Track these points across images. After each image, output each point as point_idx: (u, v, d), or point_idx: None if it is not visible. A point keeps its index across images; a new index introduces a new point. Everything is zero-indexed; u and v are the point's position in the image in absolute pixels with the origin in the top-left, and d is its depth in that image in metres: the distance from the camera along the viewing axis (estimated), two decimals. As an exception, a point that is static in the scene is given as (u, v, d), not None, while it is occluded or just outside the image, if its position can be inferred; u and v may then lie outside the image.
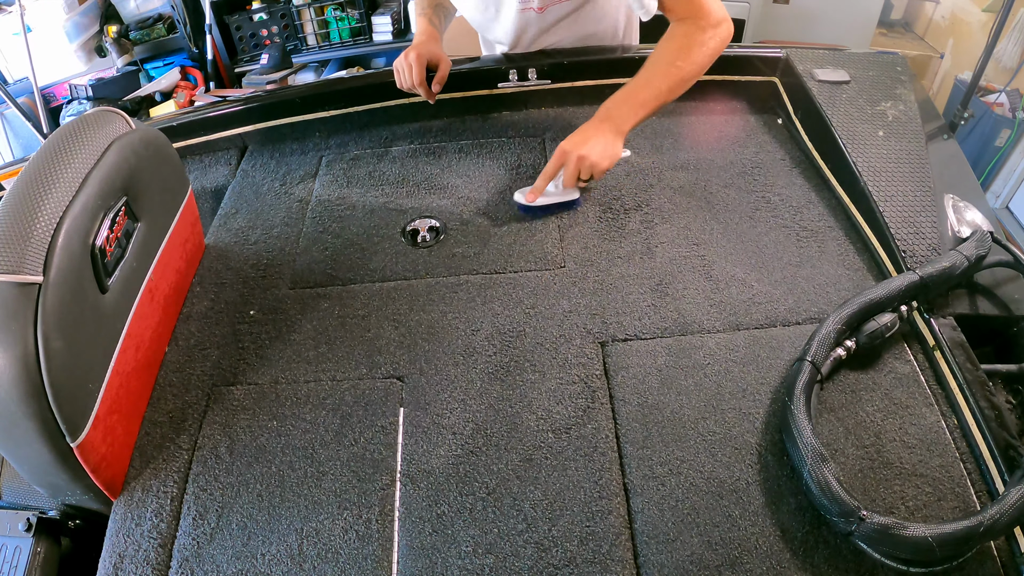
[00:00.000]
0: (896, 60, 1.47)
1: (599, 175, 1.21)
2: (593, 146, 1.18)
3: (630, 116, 1.21)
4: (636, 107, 1.21)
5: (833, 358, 0.95)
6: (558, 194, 1.25)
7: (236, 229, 1.31)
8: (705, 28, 1.20)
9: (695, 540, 0.83)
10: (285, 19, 3.44)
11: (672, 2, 1.23)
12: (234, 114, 1.53)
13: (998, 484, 0.84)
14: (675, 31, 1.23)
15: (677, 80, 1.21)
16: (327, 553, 0.84)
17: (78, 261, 0.85)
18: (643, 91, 1.21)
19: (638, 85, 1.22)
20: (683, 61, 1.20)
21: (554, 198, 1.25)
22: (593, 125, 1.21)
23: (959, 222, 1.10)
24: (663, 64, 1.21)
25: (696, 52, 1.21)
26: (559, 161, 1.20)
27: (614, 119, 1.21)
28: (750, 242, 1.20)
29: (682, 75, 1.21)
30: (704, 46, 1.21)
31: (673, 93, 1.22)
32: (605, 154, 1.18)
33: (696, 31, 1.20)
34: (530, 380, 1.00)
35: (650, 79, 1.21)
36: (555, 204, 1.26)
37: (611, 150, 1.19)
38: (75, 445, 0.82)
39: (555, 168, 1.21)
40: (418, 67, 1.38)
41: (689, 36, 1.21)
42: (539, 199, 1.24)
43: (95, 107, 1.18)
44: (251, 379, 1.04)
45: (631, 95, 1.22)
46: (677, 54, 1.21)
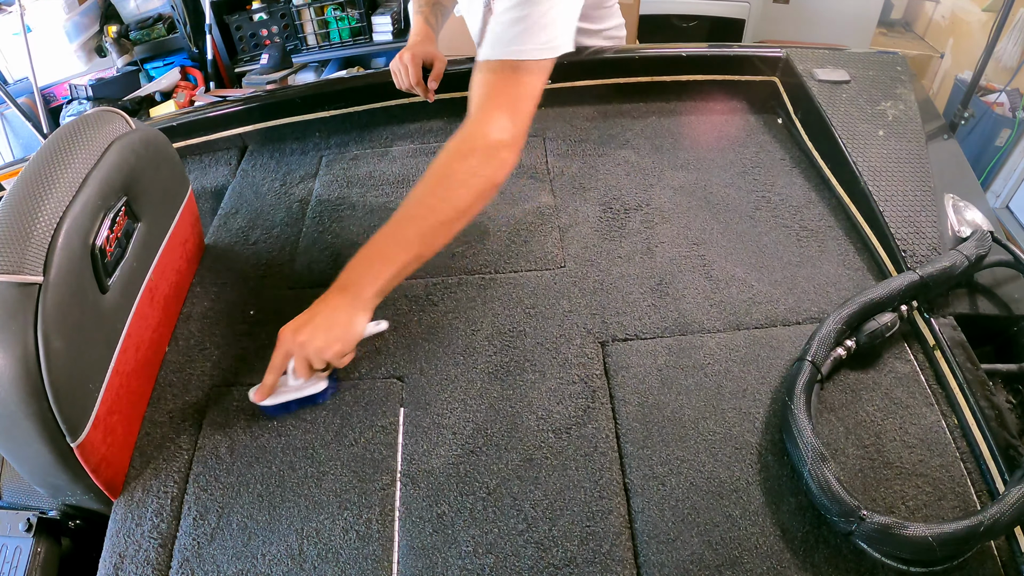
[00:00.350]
0: (896, 60, 1.47)
1: (338, 360, 0.94)
2: (317, 328, 0.92)
3: (372, 279, 0.94)
4: (380, 265, 0.94)
5: (833, 358, 0.95)
6: (298, 387, 0.96)
7: (236, 229, 1.31)
8: (473, 151, 0.96)
9: (695, 540, 0.83)
10: (285, 19, 3.44)
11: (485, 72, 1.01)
12: (234, 114, 1.53)
13: (998, 484, 0.84)
14: (444, 151, 0.98)
15: (429, 225, 0.95)
16: (327, 553, 0.84)
17: (78, 261, 0.85)
18: (386, 244, 0.96)
19: (383, 236, 0.96)
20: (436, 198, 0.95)
21: (293, 393, 0.97)
22: (324, 300, 0.95)
23: (959, 222, 1.10)
24: (416, 201, 0.96)
25: (455, 186, 0.95)
26: (282, 349, 0.93)
27: (351, 287, 0.94)
28: (750, 242, 1.20)
29: (435, 218, 0.95)
30: (471, 176, 0.95)
31: (426, 244, 0.95)
32: (333, 336, 0.92)
33: (462, 156, 0.96)
34: (530, 380, 1.00)
35: (397, 225, 0.96)
36: (297, 400, 0.98)
37: (341, 331, 0.92)
38: (75, 445, 0.82)
39: (281, 358, 0.93)
40: (414, 67, 1.38)
41: (451, 164, 0.96)
42: (276, 396, 0.95)
43: (95, 107, 1.18)
44: (251, 379, 1.03)
45: (372, 251, 0.96)
46: (434, 187, 0.96)
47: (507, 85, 0.99)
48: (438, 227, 0.95)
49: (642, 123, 1.50)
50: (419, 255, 0.95)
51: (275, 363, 0.94)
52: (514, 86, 0.99)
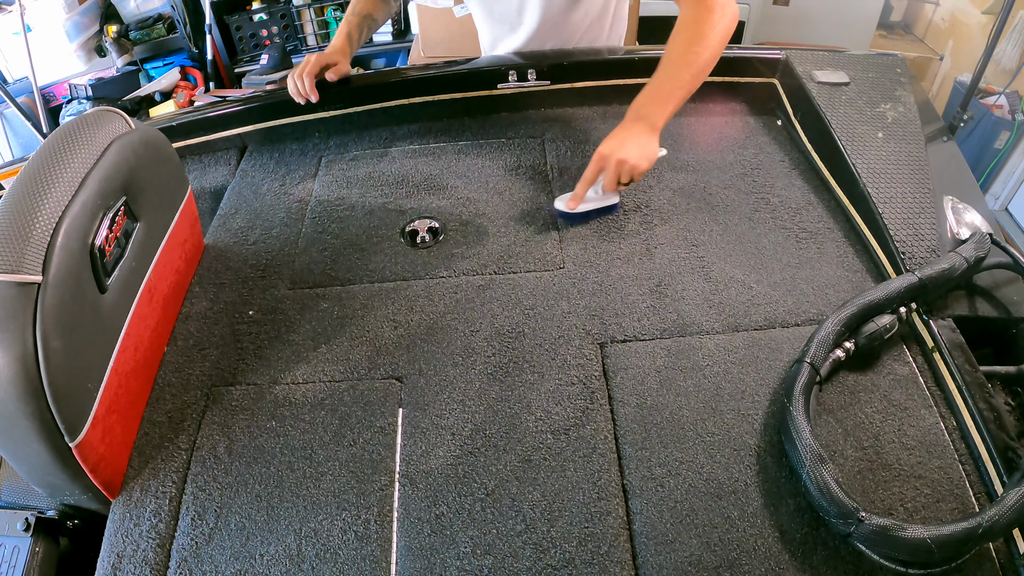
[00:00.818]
0: (896, 62, 1.47)
1: (639, 176, 1.20)
2: (631, 148, 1.17)
3: (660, 111, 1.20)
4: (664, 102, 1.20)
5: (832, 359, 0.95)
6: (598, 199, 1.23)
7: (235, 229, 1.31)
8: (713, 9, 1.18)
9: (694, 541, 0.83)
10: (285, 19, 3.44)
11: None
12: (234, 114, 1.53)
13: (997, 486, 0.84)
14: (684, 19, 1.21)
15: (698, 67, 1.19)
16: (325, 554, 0.84)
17: (77, 261, 0.85)
18: (667, 84, 1.20)
19: (661, 80, 1.21)
20: (699, 47, 1.19)
21: (594, 204, 1.24)
22: (627, 127, 1.20)
23: (958, 224, 1.10)
24: (680, 54, 1.19)
25: (709, 36, 1.19)
26: (598, 166, 1.19)
27: (646, 117, 1.20)
28: (749, 243, 1.20)
29: (701, 61, 1.19)
30: (715, 28, 1.18)
31: (697, 80, 1.21)
32: (643, 155, 1.17)
33: (705, 14, 1.18)
34: (529, 381, 1.00)
35: (671, 71, 1.20)
36: (595, 210, 1.25)
37: (648, 150, 1.18)
38: (74, 445, 0.82)
39: (594, 173, 1.19)
40: (314, 63, 1.43)
41: (699, 21, 1.18)
42: (585, 205, 1.22)
43: (95, 107, 1.18)
44: (250, 379, 1.04)
45: (657, 91, 1.21)
46: (692, 41, 1.19)
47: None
48: (702, 69, 1.20)
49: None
50: (689, 92, 1.21)
51: (588, 176, 1.20)
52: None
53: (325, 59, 1.45)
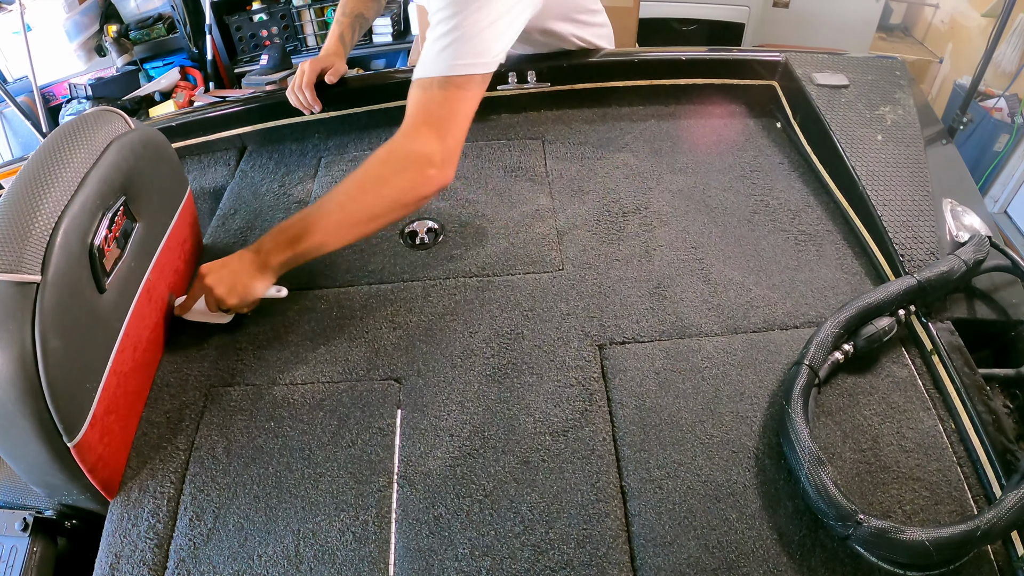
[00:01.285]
0: (895, 64, 1.47)
1: (234, 308, 1.07)
2: (222, 280, 1.03)
3: (279, 252, 1.03)
4: (285, 243, 1.03)
5: (831, 362, 0.95)
6: (212, 316, 1.09)
7: (235, 230, 1.31)
8: (399, 165, 1.01)
9: (692, 543, 0.83)
10: (285, 20, 3.44)
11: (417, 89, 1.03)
12: (233, 114, 1.53)
13: (995, 488, 0.84)
14: (372, 158, 1.04)
15: (341, 221, 1.02)
16: (324, 555, 0.84)
17: (76, 260, 0.84)
18: (298, 227, 1.03)
19: (301, 218, 1.04)
20: (355, 201, 1.02)
21: (209, 319, 1.09)
22: (242, 254, 1.06)
23: (957, 226, 1.10)
24: (333, 198, 1.03)
25: (373, 192, 1.01)
26: (198, 282, 1.06)
27: (261, 253, 1.04)
28: (748, 245, 1.20)
29: (349, 217, 1.02)
30: (385, 187, 1.01)
31: (337, 236, 1.03)
32: (233, 292, 1.03)
33: (388, 160, 1.02)
34: (528, 382, 1.00)
35: (311, 214, 1.03)
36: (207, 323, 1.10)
37: (240, 288, 1.03)
38: (72, 445, 0.82)
39: (197, 292, 1.06)
40: (310, 72, 1.42)
41: (377, 167, 1.02)
42: (194, 316, 1.09)
43: (94, 106, 1.18)
44: (248, 380, 1.03)
45: (288, 229, 1.04)
46: (352, 188, 1.03)
47: (436, 103, 1.01)
48: (348, 226, 1.03)
49: (641, 126, 1.50)
50: (323, 243, 1.04)
51: (194, 292, 1.07)
52: (443, 104, 1.01)
53: (320, 64, 1.45)
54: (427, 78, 1.01)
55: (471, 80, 1.01)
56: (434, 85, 1.01)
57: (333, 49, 1.50)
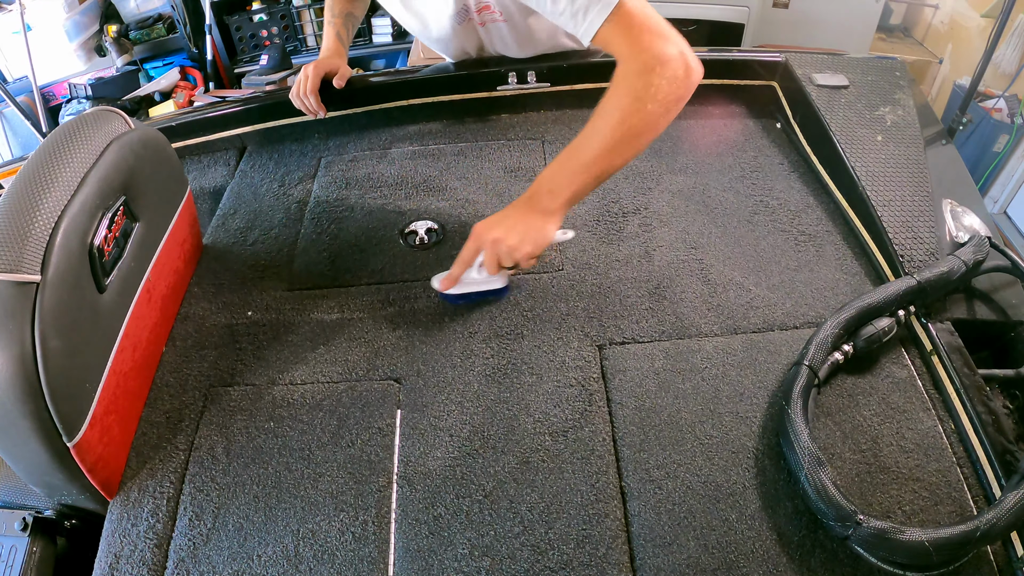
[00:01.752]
0: (895, 65, 1.47)
1: (524, 261, 1.00)
2: (511, 228, 0.98)
3: (563, 188, 0.98)
4: (570, 176, 0.98)
5: (830, 362, 0.95)
6: (481, 281, 1.05)
7: (234, 230, 1.31)
8: (652, 68, 0.94)
9: (692, 544, 0.83)
10: (285, 20, 3.44)
11: (607, 34, 0.96)
12: (233, 115, 1.53)
13: (995, 489, 0.84)
14: (617, 76, 0.98)
15: (620, 138, 0.95)
16: (323, 555, 0.84)
17: (76, 260, 0.84)
18: (579, 155, 0.97)
19: (575, 148, 0.98)
20: (625, 114, 0.95)
21: (475, 286, 1.05)
22: (517, 203, 1.02)
23: (957, 227, 1.10)
24: (602, 119, 0.96)
25: (641, 102, 0.94)
26: (474, 244, 1.01)
27: (543, 195, 1.00)
28: (748, 246, 1.20)
29: (625, 132, 0.95)
30: (648, 92, 0.94)
31: (618, 153, 0.97)
32: (527, 238, 0.98)
33: (639, 74, 0.95)
34: (527, 383, 1.00)
35: (588, 139, 0.97)
36: (478, 292, 1.07)
37: (534, 233, 0.99)
38: (72, 445, 0.82)
39: (471, 253, 1.01)
40: (314, 77, 1.40)
41: (630, 82, 0.95)
42: (459, 287, 1.05)
43: (94, 106, 1.18)
44: (248, 380, 1.03)
45: (566, 161, 0.99)
46: (617, 106, 0.96)
47: (635, 20, 0.95)
48: (626, 141, 0.96)
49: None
50: (609, 167, 0.97)
51: (464, 256, 1.02)
52: (641, 18, 0.95)
53: (323, 67, 1.42)
54: (604, 25, 0.96)
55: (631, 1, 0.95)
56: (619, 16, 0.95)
57: (334, 48, 1.48)
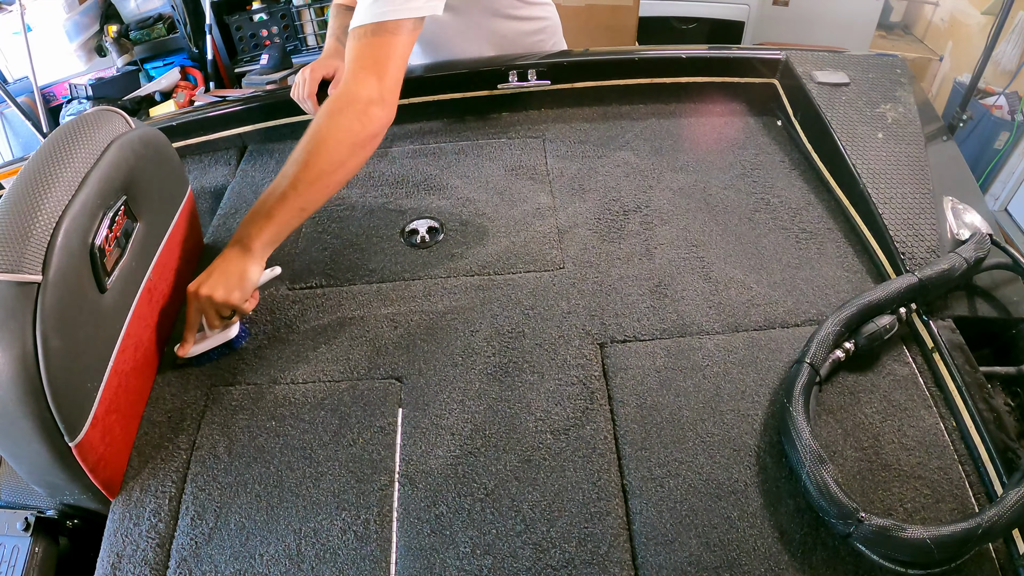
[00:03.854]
0: (895, 62, 1.47)
1: (240, 307, 1.04)
2: (216, 282, 1.02)
3: (257, 233, 1.03)
4: (263, 221, 1.03)
5: (832, 360, 0.95)
6: (215, 336, 1.06)
7: (235, 229, 1.31)
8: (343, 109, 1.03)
9: (693, 542, 0.83)
10: (285, 19, 3.44)
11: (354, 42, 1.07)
12: (234, 114, 1.53)
13: (996, 486, 0.84)
14: (319, 112, 1.06)
15: (308, 179, 1.02)
16: (325, 553, 0.84)
17: (77, 260, 0.85)
18: (270, 201, 1.03)
19: (267, 193, 1.04)
20: (314, 154, 1.02)
21: (212, 342, 1.06)
22: (222, 255, 1.05)
23: (958, 224, 1.10)
24: (293, 162, 1.03)
25: (330, 139, 1.02)
26: (192, 306, 1.03)
27: (242, 241, 1.04)
28: (749, 244, 1.20)
29: (313, 172, 1.02)
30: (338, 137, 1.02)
31: (308, 195, 1.03)
32: (230, 285, 1.02)
33: (334, 114, 1.03)
34: (529, 381, 1.00)
35: (278, 184, 1.03)
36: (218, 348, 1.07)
37: (236, 279, 1.03)
38: (73, 444, 0.82)
39: (194, 314, 1.03)
40: (311, 80, 1.37)
41: (325, 121, 1.03)
42: (197, 348, 1.04)
43: (95, 106, 1.18)
44: (250, 379, 1.04)
45: (259, 208, 1.04)
46: (309, 146, 1.02)
47: (371, 47, 1.06)
48: (314, 180, 1.03)
49: (641, 125, 1.50)
50: (301, 208, 1.05)
51: (190, 320, 1.04)
52: (377, 47, 1.06)
53: (320, 70, 1.39)
54: (361, 27, 1.06)
55: (401, 25, 1.06)
56: (368, 32, 1.06)
57: (332, 49, 1.46)
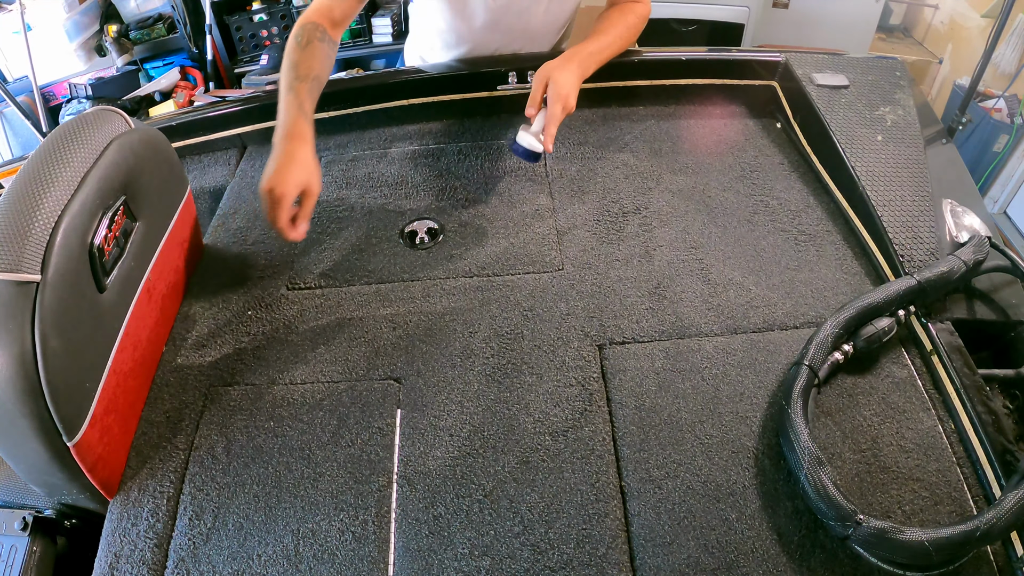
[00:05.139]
0: (895, 65, 1.47)
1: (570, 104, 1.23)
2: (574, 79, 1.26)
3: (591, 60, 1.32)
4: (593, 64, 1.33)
5: (830, 362, 0.95)
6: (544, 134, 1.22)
7: (234, 229, 1.31)
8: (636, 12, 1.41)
9: (691, 543, 0.83)
10: (285, 20, 3.44)
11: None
12: (233, 114, 1.53)
13: (995, 489, 0.84)
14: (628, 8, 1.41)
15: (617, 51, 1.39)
16: (323, 554, 0.84)
17: (76, 260, 0.84)
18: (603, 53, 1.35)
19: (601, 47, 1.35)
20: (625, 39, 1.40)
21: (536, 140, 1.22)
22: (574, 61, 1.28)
23: (957, 227, 1.11)
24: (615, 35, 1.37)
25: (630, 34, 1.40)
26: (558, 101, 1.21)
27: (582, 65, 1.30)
28: (748, 246, 1.20)
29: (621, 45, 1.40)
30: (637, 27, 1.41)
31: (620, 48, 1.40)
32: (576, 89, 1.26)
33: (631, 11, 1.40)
34: (527, 382, 1.00)
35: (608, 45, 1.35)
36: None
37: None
38: (72, 444, 0.82)
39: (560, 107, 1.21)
40: (284, 207, 1.01)
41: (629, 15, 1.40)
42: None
43: (94, 106, 1.18)
44: (248, 379, 1.03)
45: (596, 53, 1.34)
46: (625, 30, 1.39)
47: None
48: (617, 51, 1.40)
49: (641, 126, 1.50)
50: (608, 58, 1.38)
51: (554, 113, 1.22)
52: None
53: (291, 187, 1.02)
54: None
55: None
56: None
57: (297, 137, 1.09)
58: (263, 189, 1.01)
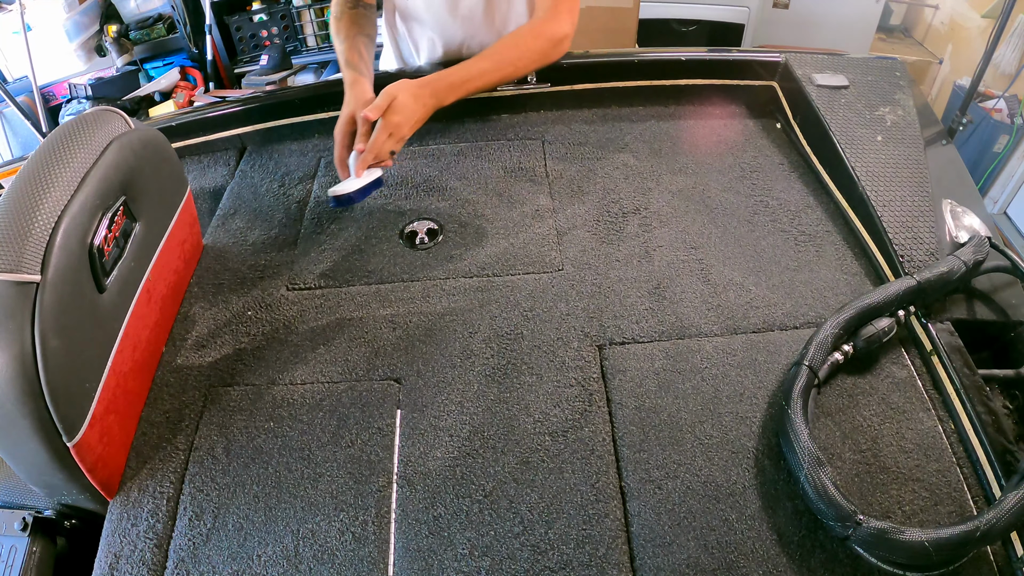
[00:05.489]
0: (895, 65, 1.47)
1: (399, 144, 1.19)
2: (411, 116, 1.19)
3: (450, 93, 1.26)
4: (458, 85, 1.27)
5: (830, 362, 0.95)
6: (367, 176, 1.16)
7: (234, 230, 1.31)
8: (542, 36, 1.32)
9: (691, 544, 0.83)
10: (285, 20, 3.44)
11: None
12: (233, 115, 1.53)
13: (995, 489, 0.84)
14: (519, 32, 1.33)
15: (492, 80, 1.32)
16: (323, 555, 0.84)
17: (76, 260, 0.84)
18: (460, 73, 1.27)
19: (459, 68, 1.28)
20: (508, 63, 1.32)
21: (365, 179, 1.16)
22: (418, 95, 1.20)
23: (957, 227, 1.11)
24: (487, 58, 1.30)
25: (523, 59, 1.32)
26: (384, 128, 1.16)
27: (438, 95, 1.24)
28: (748, 246, 1.20)
29: (495, 77, 1.31)
30: (531, 58, 1.33)
31: (483, 85, 1.31)
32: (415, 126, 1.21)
33: (534, 37, 1.32)
34: (527, 383, 1.00)
35: (473, 64, 1.29)
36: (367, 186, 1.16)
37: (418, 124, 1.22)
38: (71, 445, 0.82)
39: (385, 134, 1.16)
40: (340, 145, 1.23)
41: (525, 41, 1.32)
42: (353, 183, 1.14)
43: (94, 106, 1.18)
44: (248, 380, 1.03)
45: (447, 76, 1.26)
46: (506, 53, 1.31)
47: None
48: (495, 81, 1.33)
49: (641, 127, 1.50)
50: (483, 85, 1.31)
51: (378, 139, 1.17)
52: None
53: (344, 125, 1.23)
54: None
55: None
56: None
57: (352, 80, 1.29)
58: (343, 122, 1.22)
